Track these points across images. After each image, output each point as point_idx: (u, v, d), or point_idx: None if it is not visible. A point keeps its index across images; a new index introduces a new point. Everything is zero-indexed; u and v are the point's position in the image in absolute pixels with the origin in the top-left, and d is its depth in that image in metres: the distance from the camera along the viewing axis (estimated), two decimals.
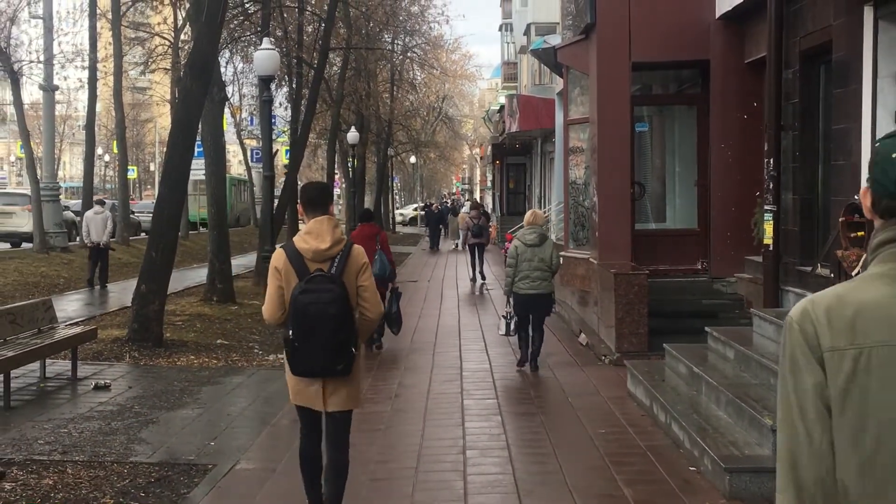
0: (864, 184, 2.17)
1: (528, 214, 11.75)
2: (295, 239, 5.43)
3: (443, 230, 39.21)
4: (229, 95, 26.79)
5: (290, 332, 5.23)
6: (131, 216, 32.07)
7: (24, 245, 27.02)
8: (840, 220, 8.52)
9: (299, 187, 7.36)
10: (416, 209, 67.77)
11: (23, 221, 27.30)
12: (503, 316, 11.34)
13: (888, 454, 2.01)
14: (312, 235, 5.33)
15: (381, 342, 12.48)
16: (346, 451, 5.65)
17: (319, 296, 5.18)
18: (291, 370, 5.37)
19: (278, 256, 5.42)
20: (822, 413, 2.08)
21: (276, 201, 20.49)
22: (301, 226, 6.53)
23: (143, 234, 28.66)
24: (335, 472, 5.63)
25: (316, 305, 5.16)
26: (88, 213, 21.04)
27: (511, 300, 10.98)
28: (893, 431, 2.00)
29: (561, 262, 11.66)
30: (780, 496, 2.16)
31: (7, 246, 27.00)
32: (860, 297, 2.12)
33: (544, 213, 28.93)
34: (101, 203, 22.00)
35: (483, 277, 22.49)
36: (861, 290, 2.13)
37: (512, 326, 10.96)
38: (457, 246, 34.96)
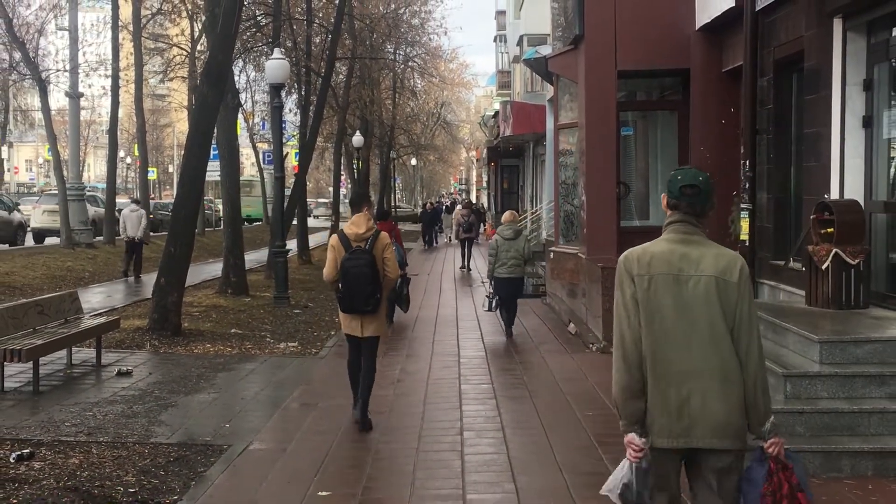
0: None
1: (506, 214, 13.53)
2: (343, 227, 7.87)
3: (438, 227, 39.18)
4: (242, 102, 26.73)
5: (339, 284, 7.52)
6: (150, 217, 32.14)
7: (48, 241, 27.07)
8: (811, 217, 8.52)
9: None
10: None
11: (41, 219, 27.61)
12: (487, 296, 13.02)
13: (661, 327, 3.70)
14: (354, 225, 7.71)
15: (392, 322, 13.19)
16: (374, 361, 7.87)
17: (358, 262, 7.47)
18: (341, 308, 7.75)
19: (334, 238, 7.77)
20: (635, 307, 3.75)
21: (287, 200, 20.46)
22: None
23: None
24: (367, 373, 7.80)
25: (356, 268, 7.45)
26: (124, 211, 21.36)
27: (492, 283, 12.71)
28: (663, 316, 3.70)
29: (532, 252, 13.94)
30: (614, 365, 3.77)
31: (55, 240, 26.95)
32: (653, 249, 3.82)
33: (535, 211, 28.99)
34: (137, 202, 22.51)
35: (470, 269, 24.12)
36: (654, 246, 3.83)
37: (493, 304, 12.64)
38: (450, 239, 35.41)
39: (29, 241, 28.18)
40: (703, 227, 3.86)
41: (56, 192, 27.16)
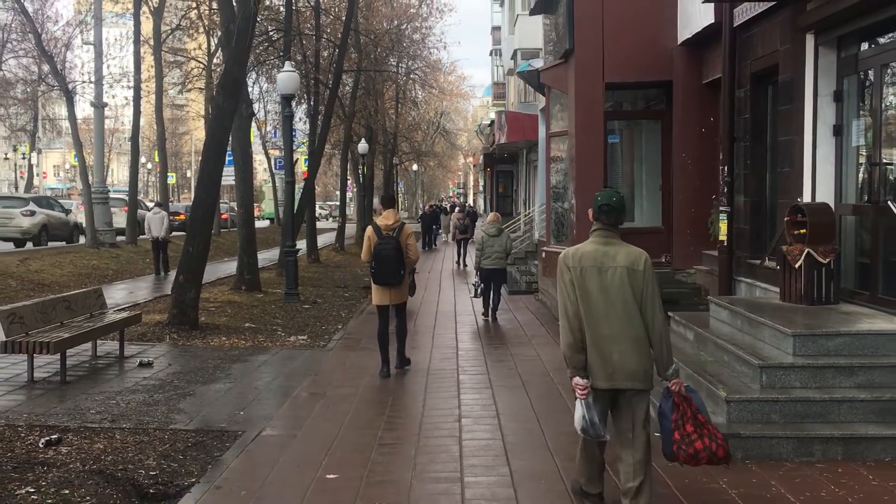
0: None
1: (490, 216, 15.06)
2: (376, 220, 9.46)
3: (436, 229, 39.16)
4: (256, 111, 26.69)
5: (373, 263, 9.17)
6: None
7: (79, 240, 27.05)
8: (785, 219, 8.52)
9: (380, 197, 11.05)
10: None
11: (121, 220, 28.04)
12: (473, 284, 14.22)
13: (589, 304, 4.76)
14: (384, 218, 9.38)
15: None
16: (404, 321, 9.65)
17: (387, 246, 9.14)
18: (374, 281, 9.33)
19: (369, 229, 9.38)
20: (573, 288, 4.81)
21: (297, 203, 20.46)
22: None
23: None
24: (400, 331, 9.59)
25: (385, 250, 9.13)
26: (148, 214, 21.53)
27: (479, 273, 13.92)
28: (590, 296, 4.76)
29: (513, 247, 15.58)
30: (561, 331, 4.88)
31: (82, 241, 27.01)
32: (584, 249, 4.89)
33: (528, 213, 28.97)
34: (159, 204, 22.94)
35: (466, 265, 24.81)
36: (585, 246, 4.91)
37: (479, 290, 13.88)
38: (447, 240, 35.64)
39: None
40: (617, 231, 4.94)
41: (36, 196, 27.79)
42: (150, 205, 26.71)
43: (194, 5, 29.17)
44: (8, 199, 28.33)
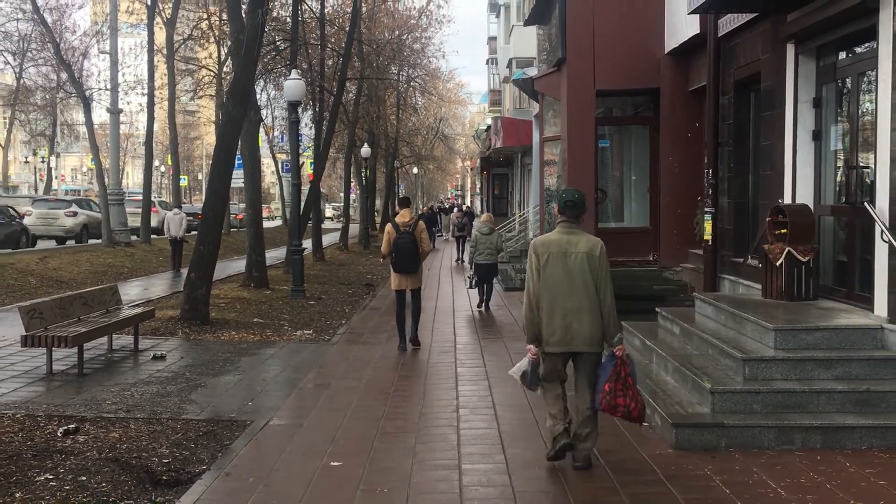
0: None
1: (483, 216, 16.40)
2: (395, 218, 10.58)
3: (435, 230, 39.17)
4: (264, 117, 26.69)
5: (393, 255, 10.27)
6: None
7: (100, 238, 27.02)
8: (767, 220, 8.53)
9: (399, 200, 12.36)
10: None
11: (153, 220, 28.95)
12: (468, 277, 15.23)
13: (554, 283, 5.59)
14: (401, 216, 10.48)
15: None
16: (419, 303, 10.76)
17: (404, 239, 10.24)
18: (393, 270, 10.42)
19: (389, 226, 10.46)
20: (538, 273, 5.64)
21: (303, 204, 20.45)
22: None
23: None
24: (415, 311, 10.72)
25: (403, 243, 10.23)
26: (168, 214, 21.68)
27: (473, 267, 14.95)
28: (556, 277, 5.60)
29: (504, 244, 17.04)
30: (524, 307, 5.75)
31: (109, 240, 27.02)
32: (549, 237, 5.74)
33: (522, 214, 28.96)
34: (179, 206, 23.57)
35: (463, 262, 24.75)
36: (551, 236, 5.75)
37: (473, 283, 14.78)
38: (447, 238, 35.75)
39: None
40: (579, 222, 5.84)
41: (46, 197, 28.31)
42: (163, 204, 26.88)
43: (205, 16, 29.17)
44: (54, 201, 29.86)
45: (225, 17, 22.39)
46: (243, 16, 13.85)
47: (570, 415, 5.76)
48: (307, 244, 21.74)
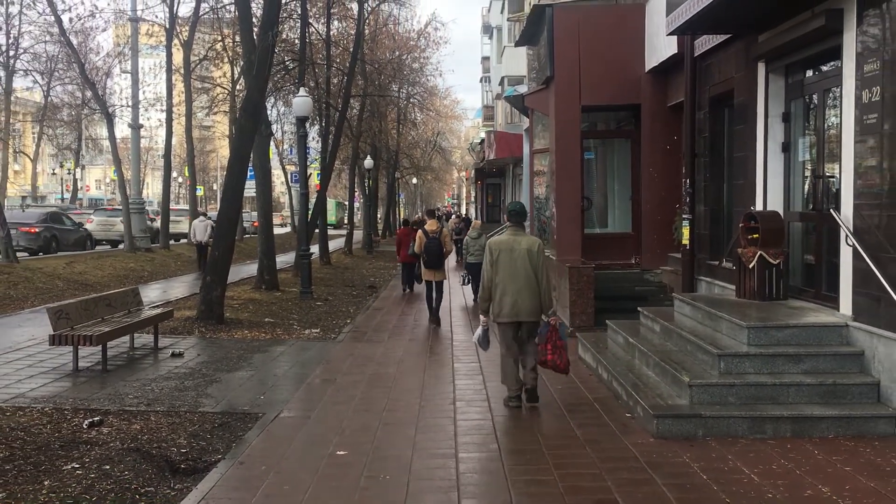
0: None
1: (474, 223, 18.42)
2: (425, 226, 12.86)
3: None
4: (274, 131, 26.68)
5: (423, 255, 12.61)
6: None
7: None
8: (740, 225, 8.54)
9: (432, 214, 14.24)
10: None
11: (185, 226, 29.89)
12: (462, 275, 16.32)
13: (505, 271, 7.14)
14: (429, 225, 12.76)
15: (412, 290, 17.15)
16: (441, 293, 12.85)
17: (432, 243, 12.53)
18: (424, 266, 12.76)
19: (419, 233, 12.88)
20: (493, 265, 7.18)
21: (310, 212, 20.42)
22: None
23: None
24: (438, 298, 12.79)
25: (431, 245, 12.51)
26: (195, 221, 21.76)
27: (465, 267, 15.83)
28: (505, 267, 7.13)
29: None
30: (480, 290, 7.50)
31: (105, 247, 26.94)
32: (500, 238, 7.33)
33: None
34: (204, 214, 23.72)
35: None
36: (500, 235, 7.41)
37: (466, 280, 15.70)
38: None
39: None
40: (522, 226, 7.39)
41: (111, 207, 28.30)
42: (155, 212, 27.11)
43: (220, 38, 29.16)
44: (111, 210, 32.45)
45: (238, 39, 22.37)
46: (255, 38, 13.85)
47: (521, 381, 7.17)
48: (315, 249, 21.71)
